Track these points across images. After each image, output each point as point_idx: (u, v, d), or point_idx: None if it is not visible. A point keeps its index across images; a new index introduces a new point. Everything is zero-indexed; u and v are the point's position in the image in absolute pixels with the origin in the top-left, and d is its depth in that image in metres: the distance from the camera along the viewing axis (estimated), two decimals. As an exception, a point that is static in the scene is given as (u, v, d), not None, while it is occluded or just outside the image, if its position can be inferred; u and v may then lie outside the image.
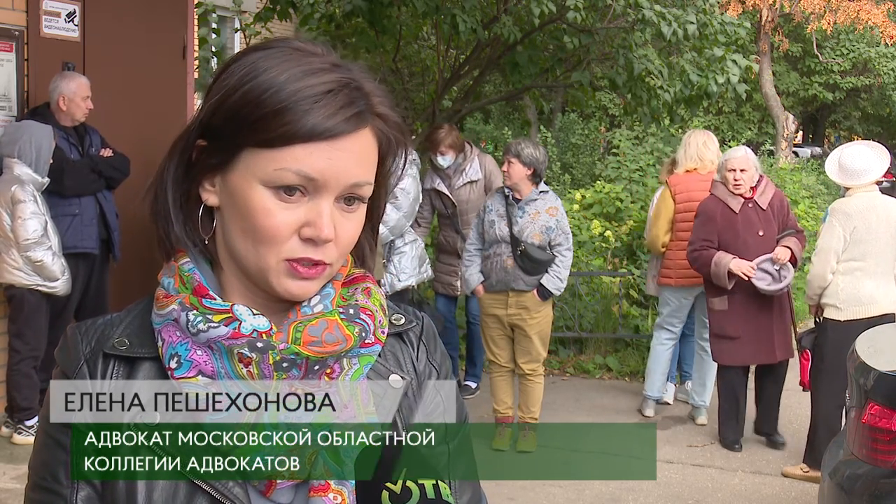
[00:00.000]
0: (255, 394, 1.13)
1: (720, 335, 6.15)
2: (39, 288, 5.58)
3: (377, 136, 1.16)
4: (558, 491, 5.52)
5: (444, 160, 6.95)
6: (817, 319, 5.74)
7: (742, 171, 5.99)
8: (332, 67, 1.13)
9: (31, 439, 5.60)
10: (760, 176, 6.12)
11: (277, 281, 1.13)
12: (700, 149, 6.53)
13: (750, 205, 6.04)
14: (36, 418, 5.69)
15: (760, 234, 6.01)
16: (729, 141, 20.06)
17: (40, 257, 5.50)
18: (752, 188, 6.05)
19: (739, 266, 5.95)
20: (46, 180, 5.60)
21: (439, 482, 1.01)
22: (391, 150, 1.19)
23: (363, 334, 1.17)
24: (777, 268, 5.96)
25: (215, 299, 1.15)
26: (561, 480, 5.68)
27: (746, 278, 5.93)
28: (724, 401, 6.29)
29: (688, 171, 6.56)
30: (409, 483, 0.99)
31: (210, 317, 1.13)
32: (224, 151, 1.13)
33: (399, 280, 6.49)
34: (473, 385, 7.39)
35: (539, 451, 6.14)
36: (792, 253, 5.94)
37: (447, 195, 7.00)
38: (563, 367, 8.25)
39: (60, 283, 5.63)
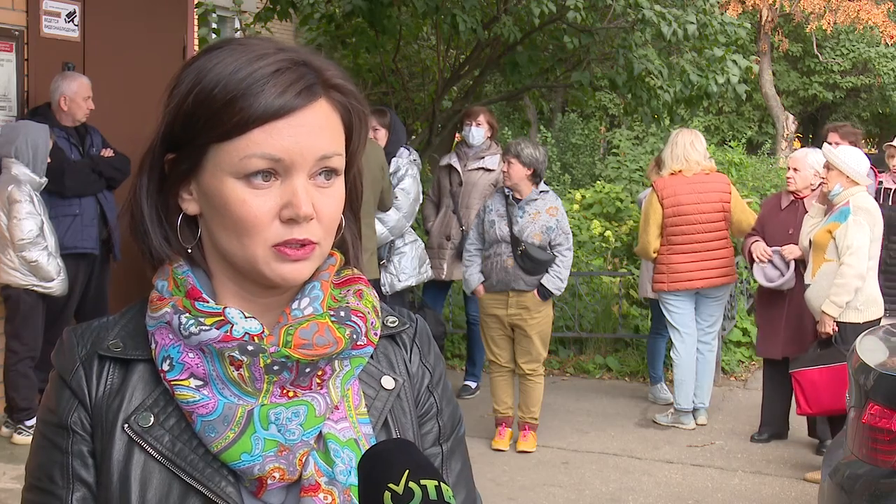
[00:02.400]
0: (245, 396, 1.13)
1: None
2: (35, 288, 5.58)
3: (336, 107, 1.15)
4: (558, 491, 5.52)
5: (477, 132, 6.95)
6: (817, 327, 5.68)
7: (795, 169, 6.14)
8: (276, 51, 1.13)
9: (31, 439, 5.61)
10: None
11: (269, 268, 1.12)
12: (687, 149, 6.39)
13: (797, 204, 6.14)
14: (35, 418, 5.68)
15: (790, 232, 6.07)
16: (729, 141, 20.06)
17: (35, 257, 5.50)
18: (812, 189, 6.10)
19: (755, 248, 6.10)
20: (44, 180, 5.60)
21: (441, 483, 1.01)
22: (353, 119, 1.18)
23: (354, 336, 1.17)
24: (783, 264, 6.00)
25: (208, 302, 1.15)
26: (561, 480, 5.69)
27: (760, 261, 6.06)
28: None
29: (673, 172, 6.42)
30: (411, 483, 0.99)
31: (202, 320, 1.13)
32: (191, 156, 1.13)
33: (399, 280, 6.48)
34: (473, 385, 7.39)
35: (539, 451, 6.14)
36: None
37: (458, 171, 7.02)
38: (563, 367, 8.25)
39: (56, 284, 5.62)
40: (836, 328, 5.53)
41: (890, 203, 6.60)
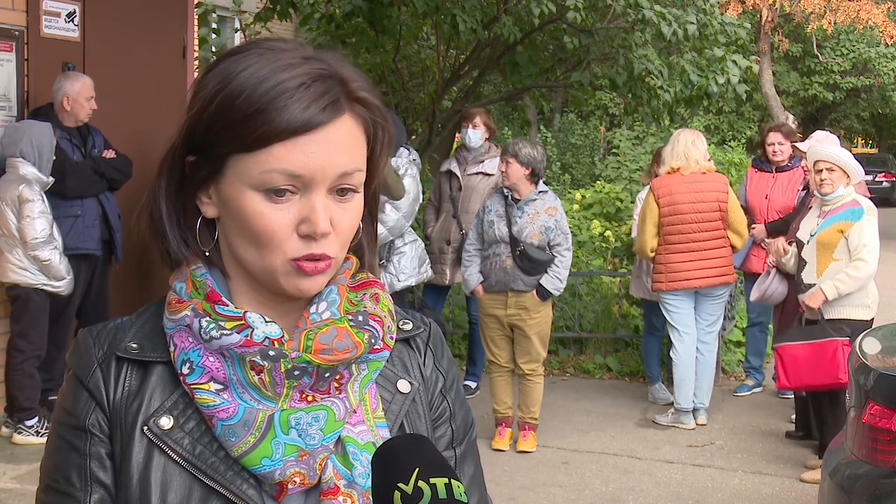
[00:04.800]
0: (265, 401, 1.13)
1: None
2: (44, 287, 5.58)
3: (359, 122, 1.14)
4: (558, 491, 5.52)
5: (474, 135, 6.98)
6: (807, 318, 5.69)
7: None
8: (303, 61, 1.12)
9: (32, 439, 5.60)
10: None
11: (286, 281, 1.12)
12: (688, 147, 6.42)
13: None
14: (36, 418, 5.69)
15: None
16: (729, 140, 20.05)
17: (48, 256, 5.50)
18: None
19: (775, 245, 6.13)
20: (51, 179, 5.61)
21: (452, 481, 1.01)
22: (376, 132, 1.17)
23: (372, 341, 1.17)
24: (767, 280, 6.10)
25: (228, 305, 1.15)
26: (561, 480, 5.69)
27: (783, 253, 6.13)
28: None
29: (671, 170, 6.46)
30: (420, 483, 0.99)
31: (223, 324, 1.13)
32: (211, 162, 1.13)
33: (398, 280, 6.47)
34: (473, 385, 7.39)
35: (539, 451, 6.14)
36: None
37: (457, 176, 7.03)
38: (563, 367, 8.25)
39: (65, 283, 5.63)
40: (821, 308, 5.53)
41: None
